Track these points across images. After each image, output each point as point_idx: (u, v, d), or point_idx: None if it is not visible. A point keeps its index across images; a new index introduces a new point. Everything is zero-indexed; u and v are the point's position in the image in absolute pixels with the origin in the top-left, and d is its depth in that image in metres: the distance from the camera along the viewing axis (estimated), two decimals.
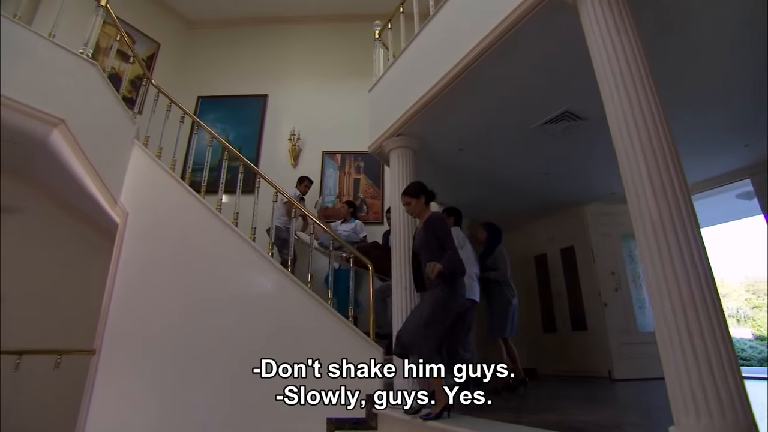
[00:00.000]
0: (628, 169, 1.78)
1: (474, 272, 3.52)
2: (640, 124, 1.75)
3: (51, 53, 3.39)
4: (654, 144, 1.71)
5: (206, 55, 6.38)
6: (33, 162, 3.90)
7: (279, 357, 3.09)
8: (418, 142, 3.62)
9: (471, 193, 4.99)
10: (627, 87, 1.80)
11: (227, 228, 3.55)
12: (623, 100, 1.80)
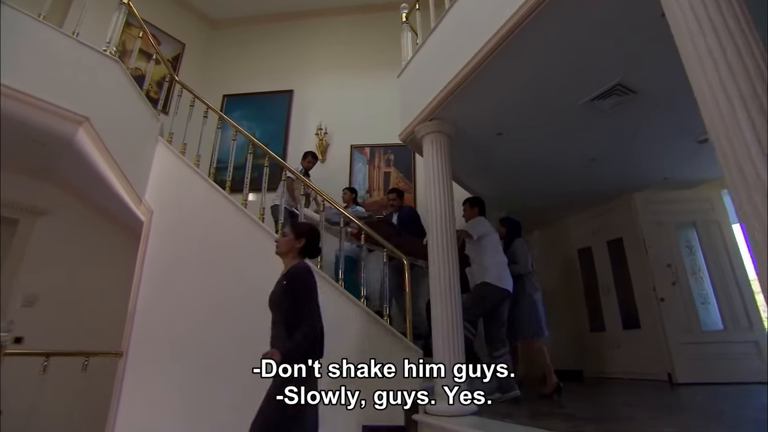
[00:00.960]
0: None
1: (503, 260, 3.46)
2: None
3: (75, 51, 3.34)
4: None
5: (230, 53, 6.34)
6: (60, 162, 3.89)
7: None
8: (453, 126, 3.35)
9: (509, 183, 4.68)
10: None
11: (253, 224, 3.40)
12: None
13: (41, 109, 3.06)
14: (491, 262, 3.43)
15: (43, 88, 3.06)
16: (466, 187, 4.80)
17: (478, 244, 3.50)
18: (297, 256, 2.25)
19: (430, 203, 3.14)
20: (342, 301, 3.07)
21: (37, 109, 3.05)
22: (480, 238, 3.49)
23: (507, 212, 5.53)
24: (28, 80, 3.00)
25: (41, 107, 3.05)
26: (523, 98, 3.10)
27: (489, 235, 3.54)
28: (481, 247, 3.49)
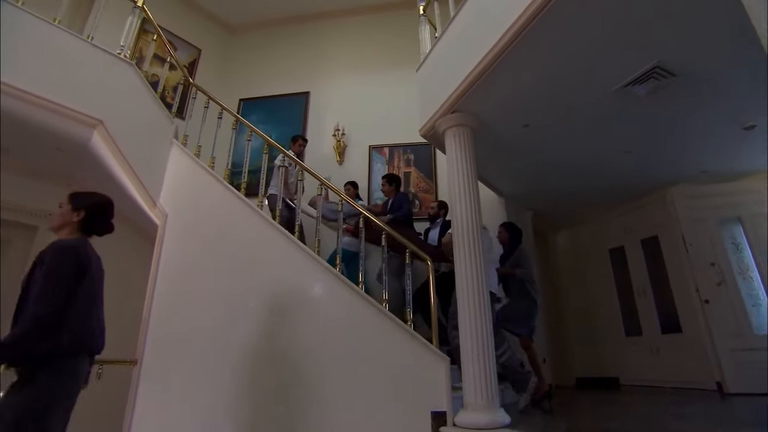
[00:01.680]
0: None
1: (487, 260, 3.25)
2: None
3: (89, 54, 3.30)
4: None
5: (246, 57, 6.31)
6: (79, 168, 3.87)
7: (328, 364, 2.76)
8: (476, 119, 3.16)
9: (536, 180, 4.45)
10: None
11: (270, 226, 3.28)
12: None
13: (55, 112, 3.02)
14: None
15: (57, 91, 3.02)
16: (489, 186, 4.59)
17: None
18: (75, 232, 1.88)
19: (454, 202, 2.96)
20: (358, 303, 2.90)
21: (51, 112, 3.01)
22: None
23: (534, 211, 5.30)
24: (42, 83, 2.96)
25: (55, 110, 3.01)
26: (552, 85, 2.89)
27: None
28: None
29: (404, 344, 2.71)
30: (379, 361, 2.72)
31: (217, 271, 3.23)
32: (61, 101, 3.02)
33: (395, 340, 2.73)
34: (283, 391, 2.78)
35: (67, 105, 3.03)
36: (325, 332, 2.88)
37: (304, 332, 2.91)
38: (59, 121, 3.11)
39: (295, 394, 2.75)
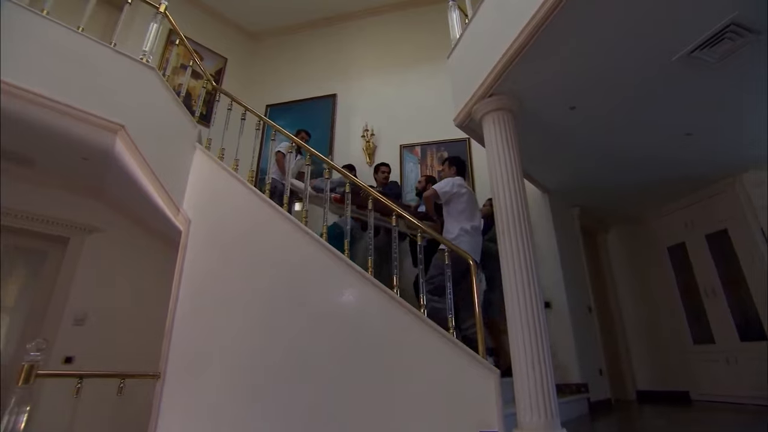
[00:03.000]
0: None
1: (466, 226, 3.21)
2: None
3: (111, 60, 3.25)
4: None
5: (272, 64, 6.28)
6: (106, 178, 3.83)
7: (362, 378, 2.49)
8: (516, 102, 2.85)
9: (583, 170, 4.05)
10: None
11: (298, 229, 3.06)
12: None
13: (77, 118, 2.96)
14: (453, 227, 3.24)
15: (79, 97, 2.96)
16: (531, 181, 4.24)
17: (446, 208, 3.37)
18: None
19: (497, 195, 2.64)
20: (395, 310, 2.61)
21: (73, 118, 2.95)
22: (448, 201, 3.33)
23: (580, 207, 4.89)
24: (63, 90, 2.91)
25: (76, 116, 2.94)
26: (603, 58, 2.55)
27: (456, 197, 3.31)
28: (446, 211, 3.36)
29: (447, 355, 2.40)
30: (418, 374, 2.42)
31: (242, 278, 3.04)
32: (83, 107, 2.95)
33: (436, 351, 2.43)
34: (315, 409, 2.53)
35: (88, 110, 2.97)
36: (359, 342, 2.61)
37: (335, 341, 2.66)
38: (81, 127, 3.05)
39: (328, 411, 2.49)
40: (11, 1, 2.92)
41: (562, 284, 4.04)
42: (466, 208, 3.29)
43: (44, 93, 2.81)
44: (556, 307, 3.95)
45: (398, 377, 2.44)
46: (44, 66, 2.91)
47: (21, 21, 2.92)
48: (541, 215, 4.37)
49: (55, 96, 2.85)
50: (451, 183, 3.38)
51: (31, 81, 2.79)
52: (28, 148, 3.45)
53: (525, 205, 2.62)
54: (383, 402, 2.42)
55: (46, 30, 3.00)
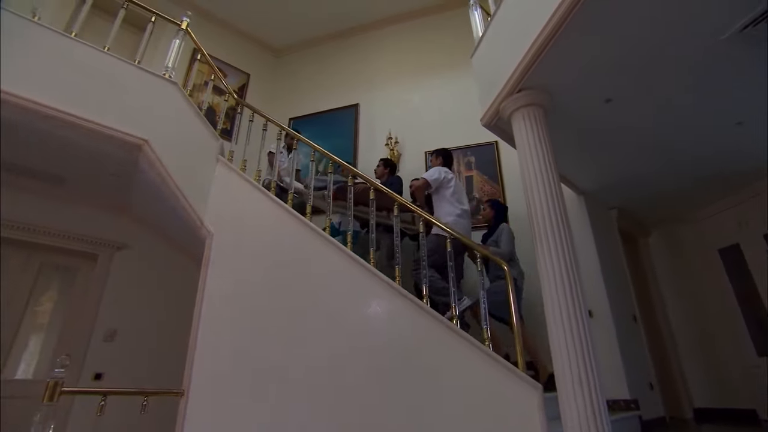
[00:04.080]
0: None
1: (456, 210, 3.43)
2: None
3: (134, 77, 3.28)
4: None
5: (294, 77, 6.30)
6: (133, 195, 3.86)
7: (395, 395, 2.33)
8: (547, 96, 2.68)
9: (622, 168, 3.80)
10: None
11: (323, 240, 2.95)
12: None
13: (102, 134, 2.97)
14: (442, 212, 3.43)
15: (104, 114, 2.98)
16: (565, 182, 4.00)
17: (436, 196, 3.56)
18: None
19: (531, 197, 2.46)
20: (426, 323, 2.45)
21: (99, 134, 2.97)
22: (438, 189, 3.53)
23: (618, 209, 4.60)
24: (90, 107, 2.93)
25: (102, 132, 2.96)
26: (645, 41, 2.35)
27: (445, 183, 3.54)
28: (437, 198, 3.55)
29: (482, 369, 2.21)
30: (452, 389, 2.24)
31: (266, 291, 2.95)
32: (108, 123, 2.97)
33: (471, 365, 2.24)
34: (344, 428, 2.38)
35: (113, 126, 2.98)
36: (389, 356, 2.46)
37: (363, 355, 2.51)
38: (107, 143, 3.07)
39: (357, 430, 2.34)
40: (42, 24, 2.99)
41: (604, 292, 3.76)
42: (454, 192, 3.52)
43: (71, 111, 2.84)
44: (598, 317, 3.68)
45: (432, 391, 2.27)
46: (71, 85, 2.94)
47: (50, 43, 2.98)
48: (577, 218, 4.12)
49: (81, 113, 2.87)
50: (438, 170, 3.60)
51: (59, 100, 2.83)
52: (57, 166, 3.52)
53: (563, 207, 2.43)
54: (417, 417, 2.24)
55: (73, 50, 3.05)
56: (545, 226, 2.36)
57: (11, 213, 3.70)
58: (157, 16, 3.60)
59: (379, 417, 2.32)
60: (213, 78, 3.95)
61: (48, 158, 3.41)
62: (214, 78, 3.97)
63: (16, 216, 3.72)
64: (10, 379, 3.63)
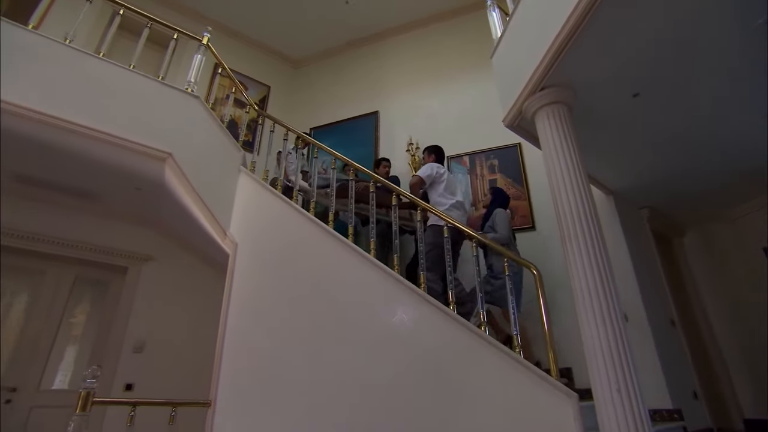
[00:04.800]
0: None
1: (450, 201, 3.58)
2: None
3: (158, 92, 3.37)
4: None
5: (313, 88, 6.38)
6: (159, 208, 3.95)
7: (422, 406, 2.26)
8: (571, 93, 2.60)
9: (652, 165, 3.64)
10: None
11: (347, 248, 2.93)
12: None
13: (129, 149, 3.06)
14: (436, 203, 3.56)
15: (130, 129, 3.07)
16: (592, 181, 3.85)
17: (430, 191, 3.72)
18: None
19: (558, 197, 2.38)
20: (455, 331, 2.38)
21: (125, 149, 3.05)
22: (432, 184, 3.70)
23: (650, 208, 4.42)
24: (115, 123, 3.02)
25: (128, 147, 3.04)
26: (671, 33, 2.25)
27: (438, 178, 3.71)
28: (431, 193, 3.70)
29: (513, 377, 2.13)
30: (482, 399, 2.16)
31: (291, 300, 2.94)
32: (133, 138, 3.05)
33: (501, 373, 2.16)
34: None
35: (138, 141, 3.06)
36: (416, 364, 2.40)
37: (390, 364, 2.46)
38: (133, 158, 3.15)
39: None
40: (73, 47, 3.11)
41: (639, 295, 3.59)
42: (447, 186, 3.70)
43: (99, 127, 2.94)
44: (633, 321, 3.50)
45: (461, 402, 2.19)
46: (99, 103, 3.05)
47: (81, 64, 3.10)
48: (607, 219, 3.96)
49: (109, 129, 2.96)
50: (430, 167, 3.78)
51: (88, 118, 2.93)
52: (86, 182, 3.64)
53: (593, 207, 2.34)
54: (445, 429, 2.17)
55: (101, 70, 3.16)
56: (574, 228, 2.27)
57: (48, 228, 3.84)
58: (180, 33, 3.70)
59: (406, 429, 2.26)
60: (234, 91, 4.03)
61: (79, 175, 3.53)
62: (235, 91, 4.05)
63: (53, 231, 3.86)
64: (48, 389, 3.74)
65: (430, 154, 4.09)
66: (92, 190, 3.79)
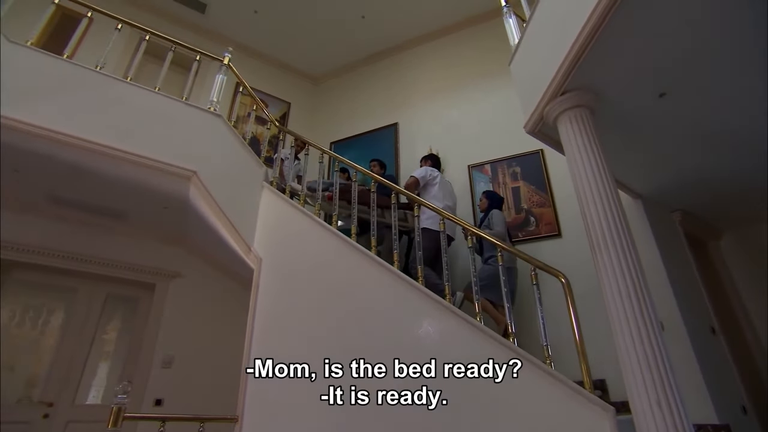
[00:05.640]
0: None
1: (441, 205, 3.65)
2: None
3: (182, 112, 3.47)
4: None
5: (333, 102, 6.47)
6: (185, 225, 4.04)
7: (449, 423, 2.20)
8: (593, 96, 2.53)
9: (683, 166, 3.50)
10: None
11: (367, 258, 2.92)
12: None
13: (155, 168, 3.15)
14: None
15: (156, 149, 3.16)
16: (619, 186, 3.74)
17: (423, 193, 3.91)
18: None
19: (585, 205, 2.31)
20: (470, 334, 2.32)
21: (152, 169, 3.15)
22: (425, 186, 3.92)
23: (681, 211, 4.26)
24: (142, 144, 3.12)
25: (154, 167, 3.14)
26: (699, 25, 2.17)
27: (431, 181, 3.96)
28: (423, 195, 3.85)
29: (545, 390, 2.05)
30: (512, 414, 2.09)
31: (315, 314, 2.94)
32: (159, 158, 3.14)
33: (532, 386, 2.09)
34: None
35: (164, 160, 3.15)
36: (443, 381, 2.35)
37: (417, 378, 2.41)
38: (159, 177, 3.25)
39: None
40: (103, 73, 3.25)
41: (674, 301, 3.43)
42: (439, 189, 3.92)
43: (128, 149, 3.04)
44: (670, 330, 3.34)
45: (491, 417, 2.12)
46: (127, 125, 3.16)
47: (110, 89, 3.23)
48: (636, 224, 3.82)
49: (136, 150, 3.07)
50: (425, 169, 4.07)
51: (117, 140, 3.04)
52: (116, 202, 3.76)
53: (622, 212, 2.26)
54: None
55: (129, 94, 3.29)
56: (603, 234, 2.19)
57: (81, 247, 3.98)
58: (202, 55, 3.82)
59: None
60: (255, 109, 4.11)
61: (109, 195, 3.66)
62: (256, 108, 4.14)
63: (85, 250, 3.99)
64: (82, 404, 3.83)
65: (427, 160, 4.39)
66: (121, 210, 3.91)
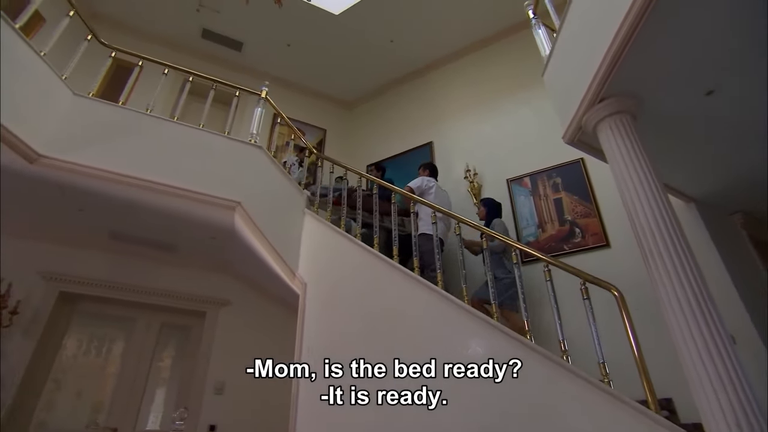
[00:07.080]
0: None
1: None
2: None
3: (225, 146, 3.65)
4: None
5: (367, 126, 6.61)
6: (230, 254, 4.19)
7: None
8: (633, 101, 2.45)
9: (739, 164, 3.28)
10: None
11: (410, 279, 2.91)
12: None
13: (202, 201, 3.30)
14: (424, 213, 3.80)
15: (201, 183, 3.32)
16: (669, 191, 3.55)
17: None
18: None
19: (633, 214, 2.21)
20: (520, 352, 2.23)
21: (199, 202, 3.30)
22: (422, 194, 4.01)
23: (742, 212, 3.96)
24: (188, 178, 3.29)
25: (201, 200, 3.29)
26: (743, 14, 2.06)
27: (427, 191, 4.10)
28: (419, 204, 3.86)
29: (606, 412, 1.94)
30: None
31: (361, 337, 2.94)
32: (205, 190, 3.30)
33: (592, 408, 1.98)
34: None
35: (209, 193, 3.30)
36: (495, 403, 2.27)
37: (470, 404, 2.34)
38: (206, 209, 3.40)
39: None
40: (153, 115, 3.49)
41: (744, 311, 3.17)
42: (435, 198, 4.00)
43: (176, 184, 3.22)
44: (742, 343, 3.08)
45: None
46: (175, 162, 3.35)
47: (159, 129, 3.46)
48: (692, 229, 3.60)
49: (182, 184, 3.24)
50: (421, 179, 4.20)
51: (164, 175, 3.22)
52: (167, 236, 3.97)
53: (674, 217, 2.14)
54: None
55: (175, 133, 3.51)
56: (656, 242, 2.08)
57: (138, 279, 4.22)
58: (241, 90, 4.02)
59: None
60: (293, 137, 4.26)
61: (161, 230, 3.87)
62: (294, 137, 4.29)
63: (142, 282, 4.23)
64: (143, 429, 3.99)
65: (425, 169, 4.48)
66: (172, 242, 4.13)
